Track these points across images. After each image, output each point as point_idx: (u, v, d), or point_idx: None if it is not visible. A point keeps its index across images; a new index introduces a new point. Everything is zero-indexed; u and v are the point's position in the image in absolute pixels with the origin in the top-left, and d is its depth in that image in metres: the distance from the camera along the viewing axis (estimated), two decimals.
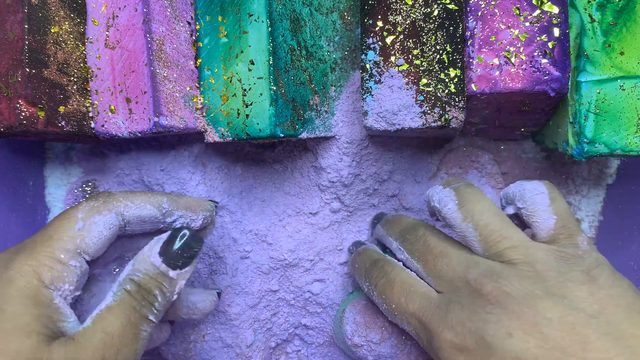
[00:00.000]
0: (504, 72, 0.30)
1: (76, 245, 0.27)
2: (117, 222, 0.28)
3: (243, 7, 0.32)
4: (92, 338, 0.25)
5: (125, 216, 0.29)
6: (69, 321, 0.26)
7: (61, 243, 0.26)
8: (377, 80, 0.32)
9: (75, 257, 0.26)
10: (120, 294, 0.27)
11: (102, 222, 0.28)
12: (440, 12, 0.31)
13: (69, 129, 0.34)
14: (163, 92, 0.33)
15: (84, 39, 0.35)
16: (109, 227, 0.28)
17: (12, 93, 0.33)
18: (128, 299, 0.26)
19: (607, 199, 0.42)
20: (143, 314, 0.26)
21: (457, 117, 0.31)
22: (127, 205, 0.29)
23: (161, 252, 0.28)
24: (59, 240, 0.26)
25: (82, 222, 0.27)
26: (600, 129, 0.31)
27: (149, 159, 0.41)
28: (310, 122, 0.36)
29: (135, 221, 0.29)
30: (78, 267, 0.27)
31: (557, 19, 0.30)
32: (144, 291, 0.27)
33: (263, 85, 0.32)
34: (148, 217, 0.30)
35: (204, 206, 0.33)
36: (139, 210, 0.29)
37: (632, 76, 0.30)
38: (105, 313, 0.26)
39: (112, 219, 0.28)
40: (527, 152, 0.41)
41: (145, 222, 0.30)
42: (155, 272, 0.28)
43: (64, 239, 0.26)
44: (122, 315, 0.26)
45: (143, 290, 0.27)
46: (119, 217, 0.29)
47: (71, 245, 0.26)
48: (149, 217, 0.30)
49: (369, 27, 0.32)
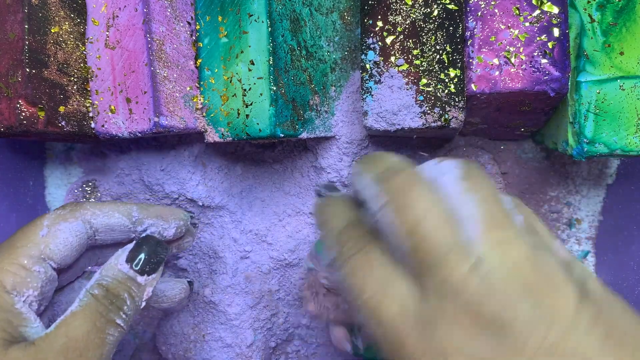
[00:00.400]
0: (504, 72, 0.30)
1: (40, 251, 0.27)
2: (84, 229, 0.28)
3: (243, 7, 0.32)
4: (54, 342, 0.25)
5: (92, 224, 0.29)
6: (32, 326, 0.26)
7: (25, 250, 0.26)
8: (377, 80, 0.32)
9: (40, 263, 0.27)
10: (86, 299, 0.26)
11: (68, 229, 0.28)
12: (440, 12, 0.31)
13: (69, 129, 0.34)
14: (163, 92, 0.33)
15: (84, 39, 0.35)
16: (75, 234, 0.28)
17: (12, 93, 0.33)
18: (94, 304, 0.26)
19: (607, 199, 0.42)
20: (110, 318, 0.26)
21: (457, 117, 0.31)
22: (94, 213, 0.29)
23: (128, 259, 0.28)
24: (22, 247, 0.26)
25: (47, 228, 0.27)
26: (600, 129, 0.31)
27: (149, 159, 0.41)
28: (310, 122, 0.36)
29: (104, 229, 0.29)
30: (43, 272, 0.26)
31: (556, 19, 0.30)
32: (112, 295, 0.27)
33: (263, 85, 0.32)
34: (117, 225, 0.30)
35: (177, 215, 0.32)
36: (107, 218, 0.29)
37: (631, 76, 0.31)
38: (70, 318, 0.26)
39: (79, 226, 0.28)
40: (527, 152, 0.41)
41: (114, 230, 0.30)
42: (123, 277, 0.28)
43: (27, 245, 0.27)
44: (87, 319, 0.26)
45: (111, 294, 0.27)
46: (87, 225, 0.29)
47: (35, 251, 0.27)
48: (117, 225, 0.30)
49: (369, 27, 0.32)
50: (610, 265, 0.41)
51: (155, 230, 0.31)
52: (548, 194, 0.42)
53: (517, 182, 0.42)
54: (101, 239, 0.30)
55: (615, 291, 0.22)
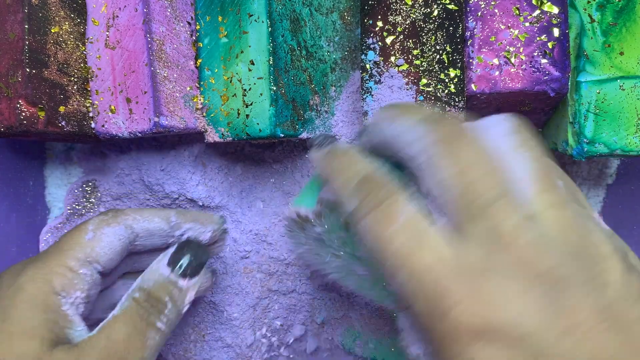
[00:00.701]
0: (504, 72, 0.30)
1: (86, 254, 0.27)
2: (127, 234, 0.29)
3: (243, 7, 0.32)
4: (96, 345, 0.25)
5: (134, 229, 0.30)
6: (77, 329, 0.26)
7: (72, 252, 0.27)
8: (377, 80, 0.32)
9: (86, 266, 0.27)
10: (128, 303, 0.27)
11: (112, 233, 0.28)
12: (440, 12, 0.31)
13: (69, 129, 0.34)
14: (163, 92, 0.33)
15: (84, 39, 0.35)
16: (119, 238, 0.29)
17: (12, 93, 0.33)
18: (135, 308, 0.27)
19: (607, 199, 0.42)
20: (151, 321, 0.27)
21: (457, 117, 0.31)
22: (135, 219, 0.30)
23: (169, 262, 0.29)
24: (69, 250, 0.27)
25: (92, 232, 0.28)
26: (600, 129, 0.31)
27: (149, 159, 0.41)
28: (310, 122, 0.36)
29: (144, 234, 0.30)
30: (89, 275, 0.27)
31: (556, 19, 0.30)
32: (153, 299, 0.27)
33: (263, 86, 0.32)
34: (156, 229, 0.30)
35: (212, 219, 0.33)
36: (147, 223, 0.30)
37: (631, 76, 0.31)
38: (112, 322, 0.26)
39: (122, 230, 0.29)
40: None
41: (153, 235, 0.30)
42: (165, 281, 0.28)
43: (74, 248, 0.27)
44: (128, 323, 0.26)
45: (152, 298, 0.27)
46: (128, 230, 0.29)
47: (81, 254, 0.27)
48: (157, 229, 0.30)
49: (369, 27, 0.32)
50: None
51: (192, 234, 0.32)
52: None
53: None
54: (141, 244, 0.30)
55: None
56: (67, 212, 0.43)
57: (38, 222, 0.44)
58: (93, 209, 0.43)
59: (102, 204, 0.43)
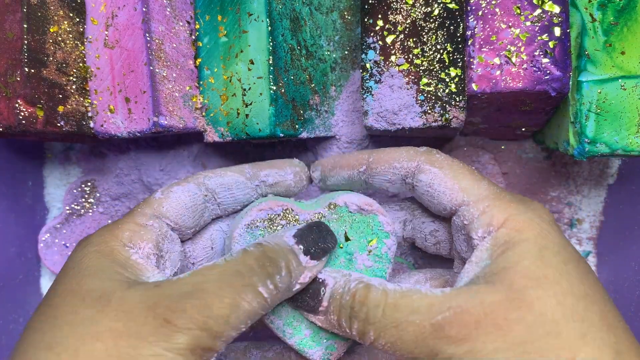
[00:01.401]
0: (505, 72, 0.30)
1: (153, 210, 0.28)
2: (198, 190, 0.29)
3: (243, 7, 0.32)
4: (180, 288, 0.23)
5: (207, 185, 0.29)
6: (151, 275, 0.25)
7: (139, 210, 0.28)
8: (377, 79, 0.32)
9: (153, 219, 0.27)
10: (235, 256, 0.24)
11: (180, 190, 0.29)
12: (440, 11, 0.31)
13: (68, 128, 0.34)
14: (162, 92, 0.33)
15: (83, 39, 0.35)
16: (188, 193, 0.28)
17: (11, 93, 0.33)
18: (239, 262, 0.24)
19: (608, 199, 0.42)
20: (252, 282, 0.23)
21: (458, 116, 0.31)
22: (206, 176, 0.30)
23: (295, 235, 0.27)
24: (137, 209, 0.28)
25: (161, 192, 0.29)
26: (601, 128, 0.31)
27: (148, 159, 0.41)
28: (310, 122, 0.36)
29: (219, 188, 0.30)
30: (157, 227, 0.27)
31: (558, 18, 0.30)
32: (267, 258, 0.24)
33: (263, 85, 0.32)
34: (232, 182, 0.30)
35: (291, 163, 0.31)
36: (220, 177, 0.30)
37: (633, 76, 0.30)
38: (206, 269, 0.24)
39: (191, 187, 0.29)
40: (528, 152, 0.41)
41: (231, 188, 0.30)
42: (287, 248, 0.26)
43: (142, 206, 0.28)
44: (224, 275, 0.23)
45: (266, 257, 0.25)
46: (201, 187, 0.29)
47: (148, 210, 0.28)
48: (233, 182, 0.30)
49: (369, 26, 0.32)
50: (611, 266, 0.41)
51: (272, 180, 0.30)
52: (549, 194, 0.42)
53: (518, 182, 0.42)
54: (223, 201, 0.30)
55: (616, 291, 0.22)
56: (66, 212, 0.43)
57: (37, 222, 0.44)
58: (92, 209, 0.43)
59: (101, 204, 0.43)
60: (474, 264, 0.24)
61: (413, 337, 0.22)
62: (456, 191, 0.26)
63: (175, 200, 0.28)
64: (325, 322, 0.26)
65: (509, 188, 0.42)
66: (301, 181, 0.31)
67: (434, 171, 0.27)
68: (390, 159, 0.29)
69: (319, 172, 0.31)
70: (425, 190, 0.27)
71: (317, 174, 0.32)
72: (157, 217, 0.28)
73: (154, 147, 0.40)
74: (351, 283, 0.25)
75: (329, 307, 0.26)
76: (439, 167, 0.27)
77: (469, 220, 0.25)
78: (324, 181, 0.31)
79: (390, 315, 0.23)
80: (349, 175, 0.30)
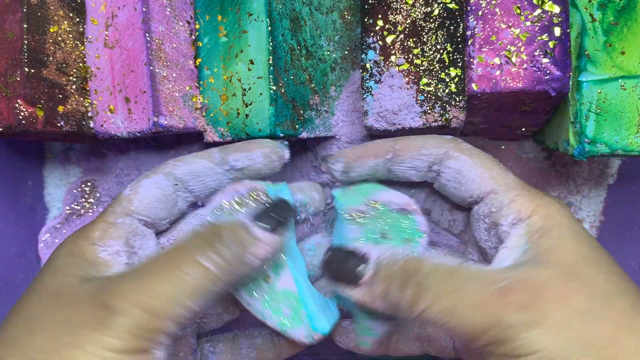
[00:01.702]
0: (505, 72, 0.30)
1: (123, 207, 0.28)
2: (168, 181, 0.29)
3: (243, 6, 0.32)
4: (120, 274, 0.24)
5: (175, 174, 0.29)
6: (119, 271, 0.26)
7: (110, 209, 0.28)
8: (377, 79, 0.32)
9: (123, 217, 0.27)
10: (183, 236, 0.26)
11: (148, 183, 0.28)
12: (440, 11, 0.31)
13: (68, 128, 0.34)
14: (162, 92, 0.33)
15: (83, 39, 0.35)
16: (156, 186, 0.28)
17: (11, 93, 0.33)
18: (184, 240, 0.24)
19: (608, 199, 0.42)
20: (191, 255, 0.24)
21: (458, 116, 0.31)
22: (174, 165, 0.29)
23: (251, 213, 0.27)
24: (108, 208, 0.28)
25: (130, 188, 0.28)
26: (601, 128, 0.31)
27: (148, 159, 0.41)
28: (310, 122, 0.36)
29: (188, 177, 0.29)
30: (127, 224, 0.27)
31: (558, 18, 0.30)
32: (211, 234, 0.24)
33: (263, 85, 0.32)
34: (200, 169, 0.29)
35: (260, 144, 0.30)
36: (187, 165, 0.29)
37: (633, 76, 0.30)
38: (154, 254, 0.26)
39: (160, 178, 0.28)
40: (528, 152, 0.41)
41: (200, 175, 0.29)
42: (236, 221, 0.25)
43: (112, 204, 0.28)
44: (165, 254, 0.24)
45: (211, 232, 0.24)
46: (169, 177, 0.29)
47: (119, 208, 0.28)
48: (200, 169, 0.29)
49: (369, 26, 0.32)
50: None
51: (241, 164, 0.29)
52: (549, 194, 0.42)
53: None
54: (194, 189, 0.30)
55: None
56: (66, 212, 0.43)
57: (37, 222, 0.44)
58: (92, 209, 0.43)
59: (101, 204, 0.43)
60: (511, 249, 0.24)
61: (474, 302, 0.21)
62: (486, 179, 0.26)
63: (144, 195, 0.28)
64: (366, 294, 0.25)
65: None
66: (271, 162, 0.30)
67: (463, 158, 0.27)
68: (418, 146, 0.28)
69: (342, 164, 0.29)
70: (454, 177, 0.27)
71: (338, 165, 0.29)
72: (128, 214, 0.28)
73: (154, 147, 0.40)
74: (399, 255, 0.25)
75: (374, 277, 0.25)
76: (468, 154, 0.27)
77: (497, 208, 0.26)
78: (347, 173, 0.30)
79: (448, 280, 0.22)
80: (375, 164, 0.29)
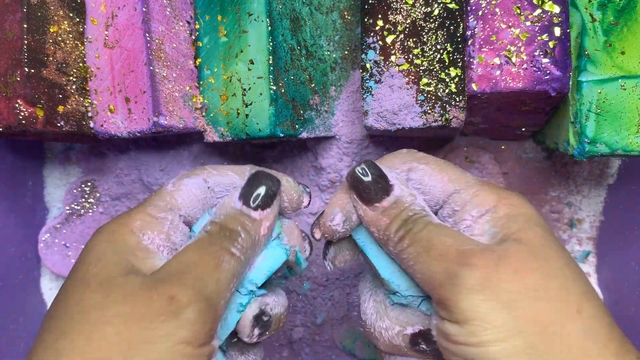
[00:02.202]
0: (505, 72, 0.30)
1: (166, 202, 0.28)
2: (205, 185, 0.30)
3: (243, 7, 0.32)
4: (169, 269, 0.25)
5: (208, 182, 0.30)
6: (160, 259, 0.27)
7: (152, 201, 0.28)
8: (377, 79, 0.32)
9: (165, 212, 0.28)
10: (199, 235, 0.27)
11: (191, 183, 0.29)
12: (440, 11, 0.31)
13: (68, 128, 0.34)
14: (162, 92, 0.33)
15: (83, 39, 0.35)
16: (198, 187, 0.29)
17: (11, 93, 0.33)
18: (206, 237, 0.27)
19: (608, 199, 0.42)
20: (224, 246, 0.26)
21: (458, 116, 0.31)
22: (210, 172, 0.30)
23: (240, 196, 0.28)
24: (150, 200, 0.29)
25: (172, 185, 0.29)
26: (601, 128, 0.31)
27: (148, 159, 0.41)
28: (310, 121, 0.36)
29: (217, 188, 0.30)
30: (169, 219, 0.28)
31: (558, 18, 0.30)
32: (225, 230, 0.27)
33: (263, 85, 0.32)
34: (229, 183, 0.30)
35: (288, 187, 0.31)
36: (220, 177, 0.30)
37: (633, 76, 0.30)
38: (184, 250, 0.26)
39: (200, 181, 0.30)
40: (528, 152, 0.41)
41: (228, 189, 0.30)
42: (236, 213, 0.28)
43: (154, 198, 0.29)
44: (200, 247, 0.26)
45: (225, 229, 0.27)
46: (206, 182, 0.30)
47: (161, 202, 0.28)
48: (229, 183, 0.30)
49: (369, 26, 0.32)
50: (611, 266, 0.41)
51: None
52: (549, 194, 0.42)
53: (518, 182, 0.42)
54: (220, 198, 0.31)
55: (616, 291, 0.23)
56: (66, 212, 0.43)
57: (37, 222, 0.44)
58: (92, 208, 0.43)
59: (101, 204, 0.43)
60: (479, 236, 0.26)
61: (438, 254, 0.24)
62: (446, 182, 0.28)
63: (186, 193, 0.29)
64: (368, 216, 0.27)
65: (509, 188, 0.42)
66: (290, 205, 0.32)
67: (421, 167, 0.28)
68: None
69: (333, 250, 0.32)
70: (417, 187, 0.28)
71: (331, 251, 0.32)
72: (171, 209, 0.28)
73: (154, 147, 0.40)
74: (416, 205, 0.27)
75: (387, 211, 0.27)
76: (425, 162, 0.28)
77: (460, 206, 0.27)
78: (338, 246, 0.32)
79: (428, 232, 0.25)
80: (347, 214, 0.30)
